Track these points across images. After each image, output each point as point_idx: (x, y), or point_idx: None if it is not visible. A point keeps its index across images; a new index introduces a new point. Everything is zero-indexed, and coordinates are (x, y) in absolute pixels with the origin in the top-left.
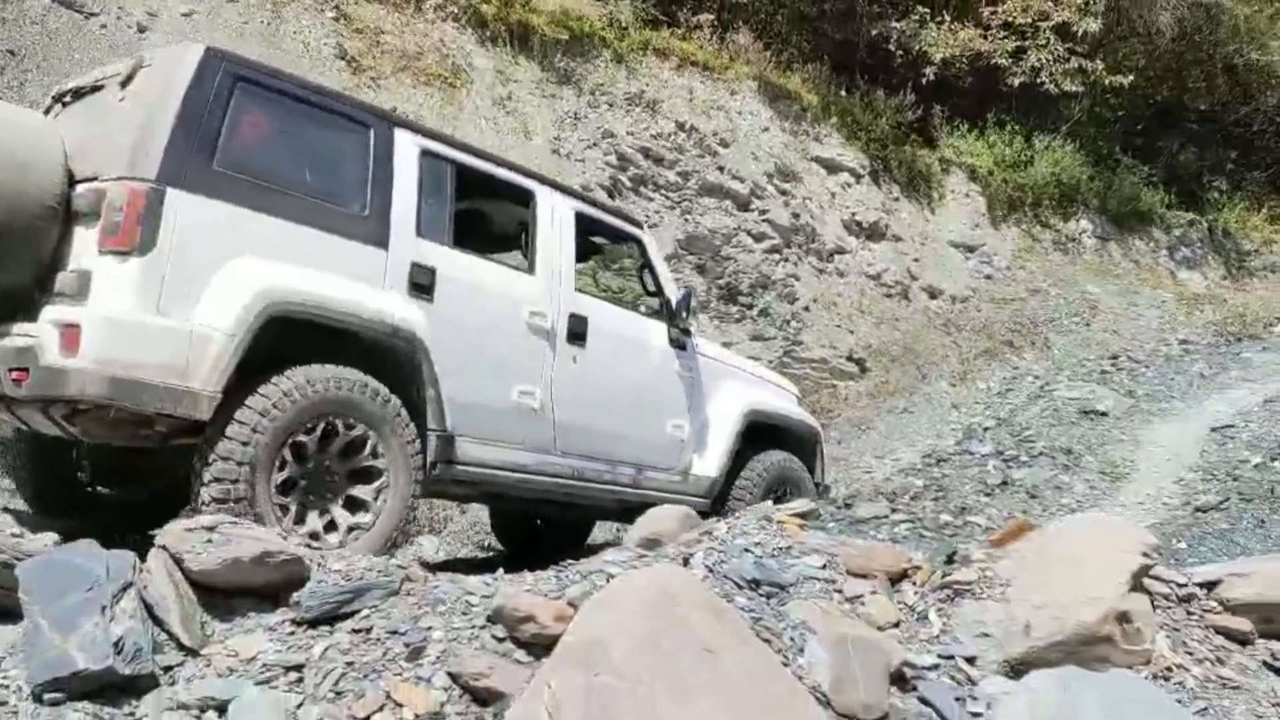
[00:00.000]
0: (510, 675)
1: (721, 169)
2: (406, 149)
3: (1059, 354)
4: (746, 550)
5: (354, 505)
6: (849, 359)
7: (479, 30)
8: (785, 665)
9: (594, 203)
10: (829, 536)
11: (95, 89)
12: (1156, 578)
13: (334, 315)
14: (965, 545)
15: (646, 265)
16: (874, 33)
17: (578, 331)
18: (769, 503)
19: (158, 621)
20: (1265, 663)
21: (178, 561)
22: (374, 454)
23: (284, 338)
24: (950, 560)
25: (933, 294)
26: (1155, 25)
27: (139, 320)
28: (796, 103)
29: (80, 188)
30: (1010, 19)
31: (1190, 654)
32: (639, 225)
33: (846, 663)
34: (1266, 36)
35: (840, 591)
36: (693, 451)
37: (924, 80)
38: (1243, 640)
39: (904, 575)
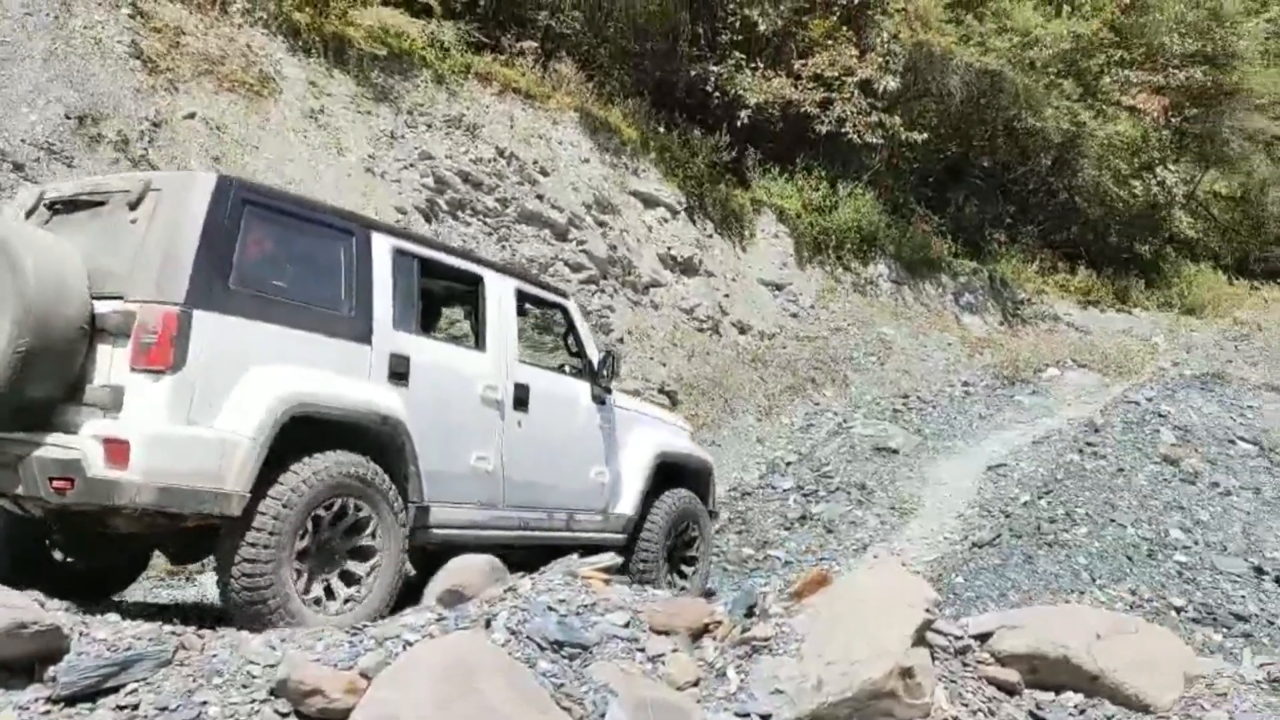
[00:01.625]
0: None
1: (541, 197)
2: (381, 250)
3: (856, 391)
4: (550, 609)
5: (349, 579)
6: (661, 391)
7: (291, 39)
8: None
9: (529, 278)
10: (634, 591)
11: (95, 203)
12: (937, 630)
13: (339, 411)
14: (766, 591)
15: (571, 330)
16: (693, 74)
17: (522, 399)
18: (574, 556)
19: None
20: (1030, 713)
21: None
22: (373, 534)
23: (294, 432)
24: (750, 613)
25: (742, 329)
26: (946, 88)
27: (179, 433)
28: (617, 136)
29: (104, 306)
30: (819, 71)
31: (965, 705)
32: (565, 295)
33: None
34: (1042, 104)
35: (643, 650)
36: (613, 494)
37: (739, 123)
38: (1011, 691)
39: (705, 630)
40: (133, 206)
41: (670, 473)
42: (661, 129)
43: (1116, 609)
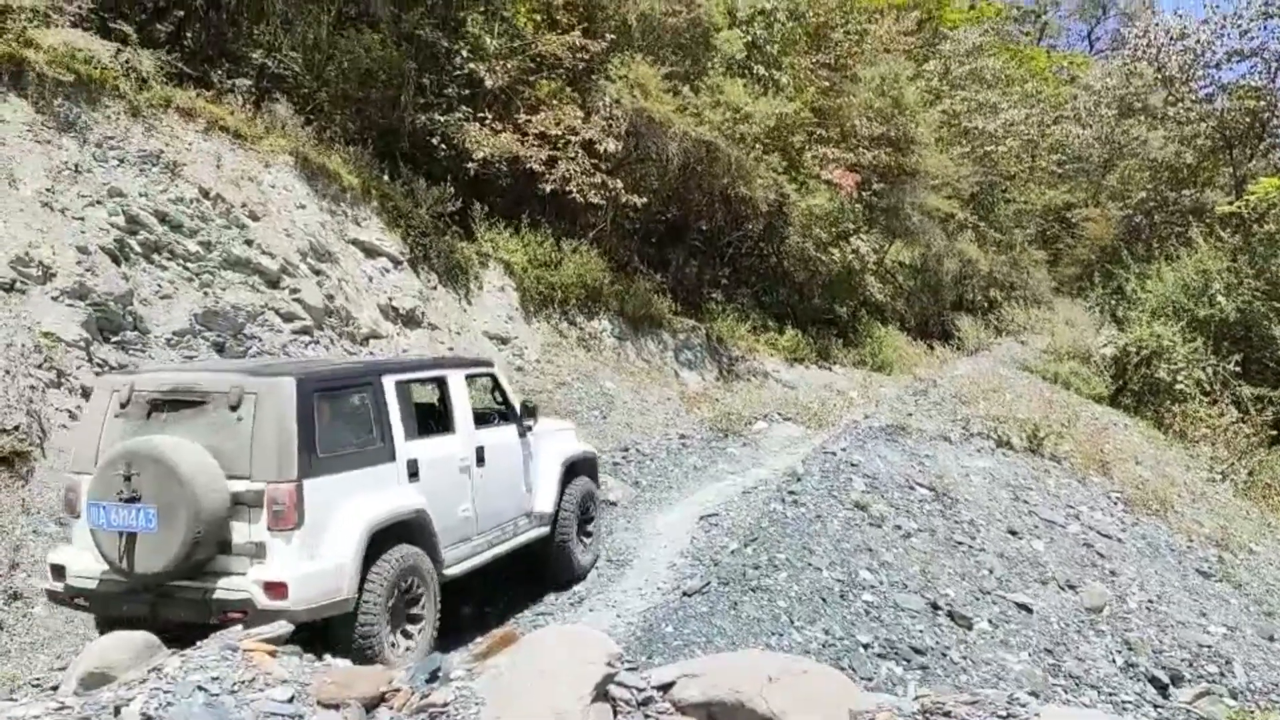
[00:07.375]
0: None
1: (250, 243)
2: (389, 386)
3: None
4: (200, 688)
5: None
6: None
7: None
8: None
9: (468, 363)
10: (305, 663)
11: (195, 402)
12: (621, 684)
13: (394, 518)
14: (451, 657)
15: (497, 388)
16: (418, 123)
17: (481, 457)
18: (239, 627)
19: None
20: None
21: None
22: (419, 598)
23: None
24: (434, 679)
25: None
26: (666, 154)
27: (312, 569)
28: (336, 182)
29: (235, 485)
30: (544, 130)
31: None
32: (491, 364)
33: None
34: (752, 175)
35: None
36: (536, 498)
37: (465, 175)
38: None
39: (382, 699)
40: (234, 408)
41: (572, 468)
42: (385, 177)
43: (811, 649)
